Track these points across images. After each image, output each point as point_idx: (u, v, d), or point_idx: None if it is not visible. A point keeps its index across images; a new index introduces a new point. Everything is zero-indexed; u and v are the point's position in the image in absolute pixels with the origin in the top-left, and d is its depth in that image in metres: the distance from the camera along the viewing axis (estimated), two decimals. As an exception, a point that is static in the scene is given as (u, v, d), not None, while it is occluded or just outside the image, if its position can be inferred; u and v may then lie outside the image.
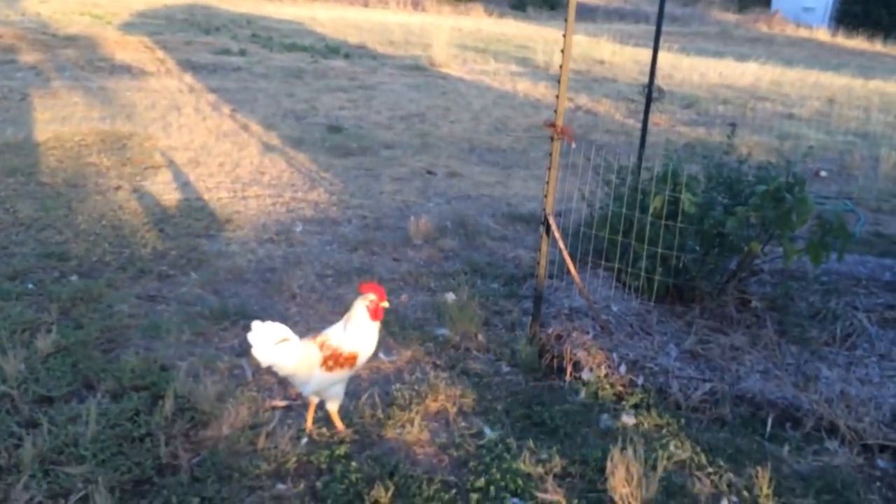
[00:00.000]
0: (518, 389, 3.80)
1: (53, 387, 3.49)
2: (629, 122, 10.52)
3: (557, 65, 3.89)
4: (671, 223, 4.27)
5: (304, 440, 3.27)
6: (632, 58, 16.85)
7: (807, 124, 11.35)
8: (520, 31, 21.98)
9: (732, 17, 30.41)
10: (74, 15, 16.76)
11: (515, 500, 2.96)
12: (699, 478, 3.16)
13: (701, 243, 4.44)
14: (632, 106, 11.15)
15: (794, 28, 27.19)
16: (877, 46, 24.34)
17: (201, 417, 3.34)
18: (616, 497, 2.96)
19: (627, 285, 4.60)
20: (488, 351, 4.19)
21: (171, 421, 3.29)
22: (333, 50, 15.24)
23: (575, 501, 2.98)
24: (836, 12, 28.55)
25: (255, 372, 3.75)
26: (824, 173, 8.68)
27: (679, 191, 4.26)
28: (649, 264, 4.36)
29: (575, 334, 4.10)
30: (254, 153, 7.84)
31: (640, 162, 5.62)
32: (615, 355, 3.97)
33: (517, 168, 8.20)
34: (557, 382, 3.91)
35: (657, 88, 5.88)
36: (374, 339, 3.25)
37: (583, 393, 3.77)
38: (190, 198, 6.34)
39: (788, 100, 13.35)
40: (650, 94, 5.81)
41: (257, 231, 5.75)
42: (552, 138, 3.90)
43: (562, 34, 3.77)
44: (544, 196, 4.05)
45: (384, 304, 3.20)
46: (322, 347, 3.17)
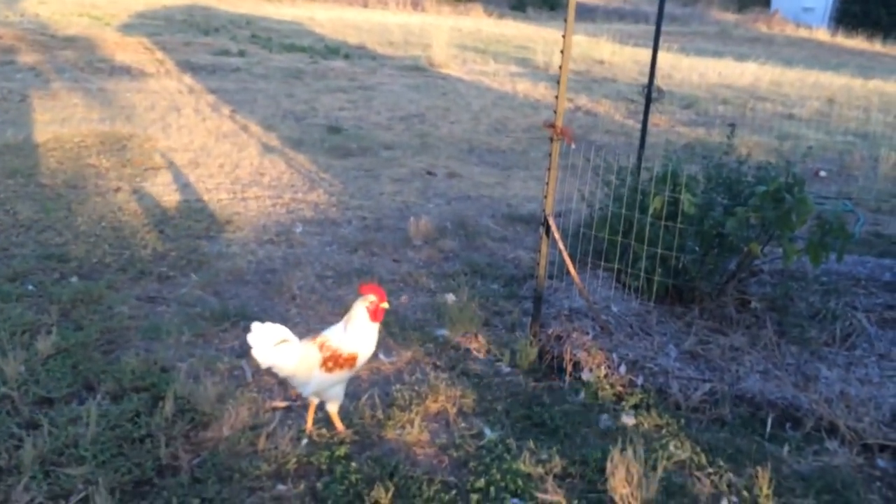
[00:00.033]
0: (518, 390, 3.80)
1: (54, 388, 3.50)
2: (629, 123, 10.53)
3: (557, 65, 3.90)
4: (671, 224, 4.28)
5: (305, 441, 3.27)
6: (631, 58, 16.86)
7: (806, 124, 11.35)
8: (519, 32, 21.98)
9: (732, 17, 30.43)
10: (73, 16, 16.77)
11: (515, 501, 2.97)
12: (699, 478, 3.16)
13: (700, 244, 4.44)
14: (631, 106, 11.16)
15: (794, 28, 27.21)
16: (876, 46, 24.36)
17: (201, 418, 3.34)
18: (616, 497, 2.97)
19: (627, 286, 4.61)
20: (488, 352, 4.19)
21: (172, 422, 3.29)
22: (333, 50, 15.25)
23: (575, 502, 2.99)
24: (836, 12, 28.58)
25: (256, 373, 3.75)
26: (824, 173, 8.69)
27: (679, 191, 4.26)
28: (649, 265, 4.37)
29: (575, 335, 4.11)
30: (253, 154, 7.84)
31: (640, 162, 5.62)
32: (615, 356, 3.97)
33: (517, 169, 8.20)
34: (557, 383, 3.91)
35: (657, 89, 5.88)
36: (374, 340, 3.25)
37: (583, 393, 3.78)
38: (190, 199, 6.34)
39: (788, 100, 13.36)
40: (650, 95, 5.81)
41: (257, 232, 5.75)
42: (552, 139, 3.91)
43: (561, 35, 3.77)
44: (544, 197, 4.05)
45: (384, 306, 3.21)
46: (322, 348, 3.17)
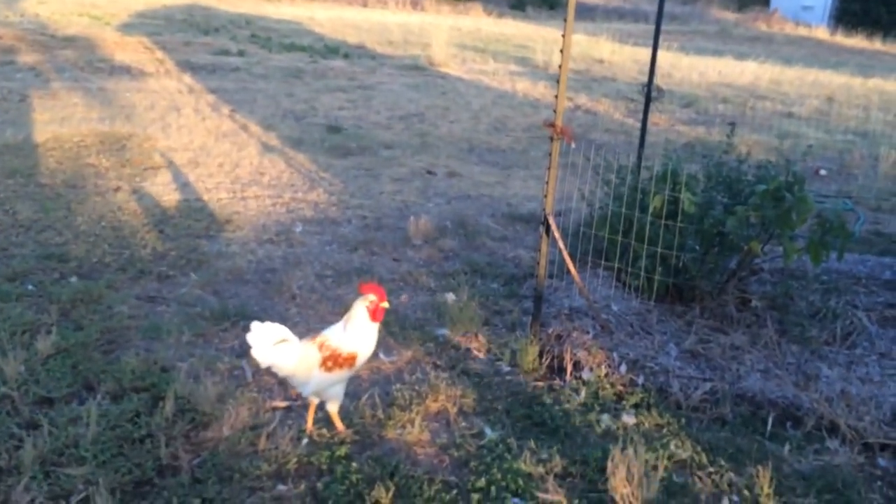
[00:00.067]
0: (518, 389, 3.80)
1: (54, 388, 3.49)
2: (628, 122, 10.52)
3: (556, 64, 3.89)
4: (671, 223, 4.28)
5: (305, 441, 3.27)
6: (631, 57, 16.85)
7: (806, 123, 11.34)
8: (519, 31, 21.98)
9: (731, 16, 30.43)
10: (73, 16, 16.76)
11: (516, 501, 2.96)
12: (700, 477, 3.16)
13: (701, 243, 4.44)
14: (631, 105, 11.16)
15: (793, 27, 27.21)
16: (876, 45, 24.36)
17: (202, 418, 3.34)
18: (617, 497, 2.96)
19: (627, 285, 4.60)
20: (488, 351, 4.19)
21: (172, 422, 3.29)
22: (332, 50, 15.24)
23: (576, 501, 2.98)
24: (835, 11, 28.59)
25: (256, 373, 3.75)
26: (824, 172, 8.68)
27: (679, 190, 4.26)
28: (649, 264, 4.36)
29: (575, 334, 4.10)
30: (253, 154, 7.84)
31: (640, 161, 5.62)
32: (615, 355, 3.97)
33: (517, 168, 8.19)
34: (558, 382, 3.91)
35: (657, 88, 5.88)
36: (374, 340, 3.24)
37: (583, 393, 3.77)
38: (189, 198, 6.34)
39: (788, 98, 13.35)
40: (650, 94, 5.81)
41: (257, 232, 5.75)
42: (552, 138, 3.90)
43: (561, 34, 3.77)
44: (544, 196, 4.04)
45: (384, 305, 3.20)
46: (321, 348, 3.17)
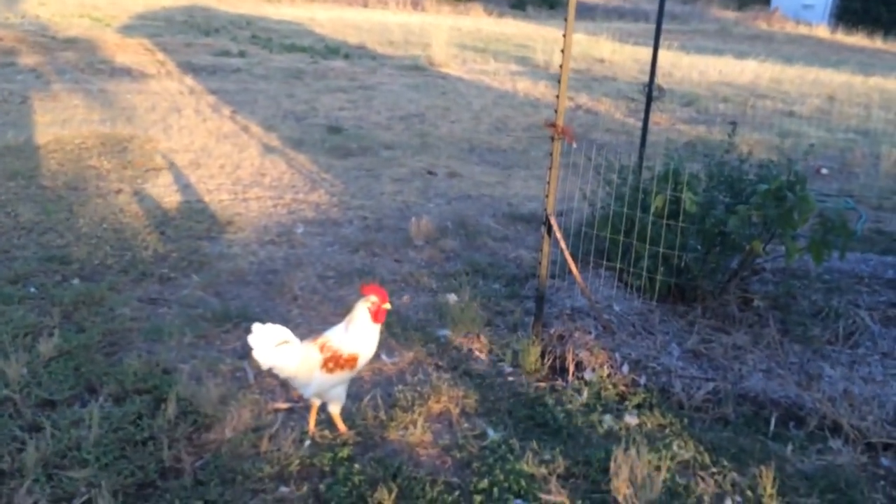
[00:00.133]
0: (521, 390, 3.80)
1: (56, 391, 3.50)
2: (629, 121, 10.51)
3: (557, 64, 3.89)
4: (672, 222, 4.27)
5: (307, 443, 3.27)
6: (631, 56, 16.84)
7: (807, 122, 11.33)
8: (519, 31, 21.97)
9: (732, 15, 30.42)
10: (74, 17, 16.77)
11: (519, 502, 2.96)
12: (703, 478, 3.16)
13: (702, 242, 4.44)
14: (632, 105, 11.15)
15: (794, 25, 27.19)
16: (876, 43, 24.34)
17: (204, 420, 3.34)
18: (620, 498, 2.96)
19: (629, 285, 4.60)
20: (490, 352, 4.18)
21: (174, 424, 3.29)
22: (333, 50, 15.24)
23: (578, 502, 2.98)
24: (836, 9, 28.56)
25: (258, 374, 3.75)
26: (825, 171, 8.67)
27: (680, 190, 4.25)
28: (651, 264, 4.36)
29: (577, 334, 4.10)
30: (254, 155, 7.84)
31: (641, 161, 5.62)
32: (617, 355, 3.97)
33: (518, 168, 8.19)
34: (560, 383, 3.90)
35: (657, 87, 5.87)
36: (375, 341, 3.24)
37: (585, 393, 3.77)
38: (191, 200, 6.34)
39: (788, 97, 13.34)
40: (650, 93, 5.81)
41: (258, 233, 5.75)
42: (553, 138, 3.90)
43: (561, 33, 3.76)
44: (545, 196, 4.04)
45: (386, 306, 3.20)
46: (322, 349, 3.17)
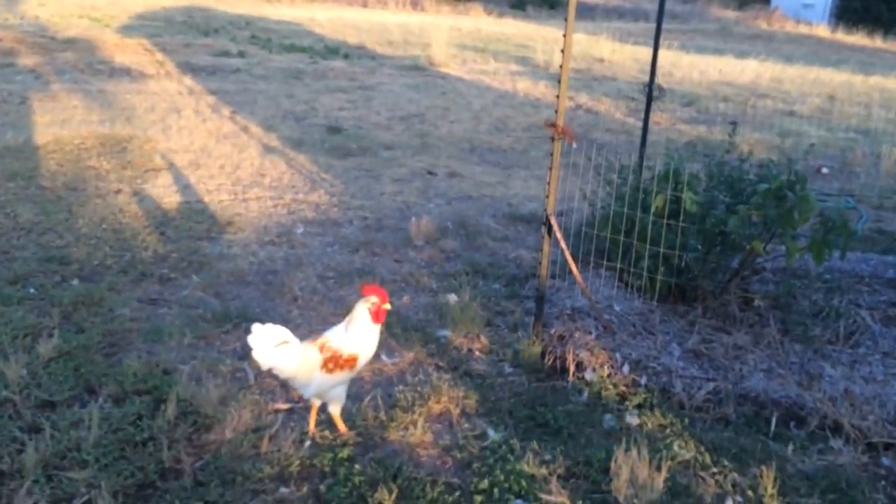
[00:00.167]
0: (521, 390, 3.79)
1: (55, 391, 3.49)
2: (630, 121, 10.51)
3: (557, 64, 3.88)
4: (673, 222, 4.27)
5: (307, 443, 3.26)
6: (631, 56, 16.84)
7: (807, 121, 11.33)
8: (519, 31, 21.97)
9: (732, 14, 30.41)
10: (73, 18, 16.76)
11: (519, 502, 2.95)
12: (703, 478, 3.15)
13: (703, 242, 4.43)
14: (632, 104, 11.15)
15: (794, 25, 27.19)
16: (877, 42, 24.34)
17: (204, 421, 3.33)
18: (620, 498, 2.96)
19: (630, 285, 4.60)
20: (491, 352, 4.18)
21: (174, 425, 3.28)
22: (332, 51, 15.24)
23: (579, 503, 2.98)
24: (836, 8, 28.56)
25: (258, 375, 3.74)
26: (826, 170, 8.67)
27: (681, 190, 4.25)
28: (651, 264, 4.36)
29: (577, 334, 4.09)
30: (254, 155, 7.83)
31: (642, 161, 5.61)
32: (618, 355, 3.96)
33: (518, 168, 8.19)
34: (560, 383, 3.90)
35: (658, 87, 5.87)
36: (375, 342, 3.23)
37: (586, 393, 3.76)
38: (190, 200, 6.33)
39: (789, 97, 13.34)
40: (651, 93, 5.80)
41: (258, 233, 5.74)
42: (553, 138, 3.89)
43: (561, 33, 3.76)
44: (546, 196, 4.04)
45: (386, 307, 3.19)
46: (322, 349, 3.16)
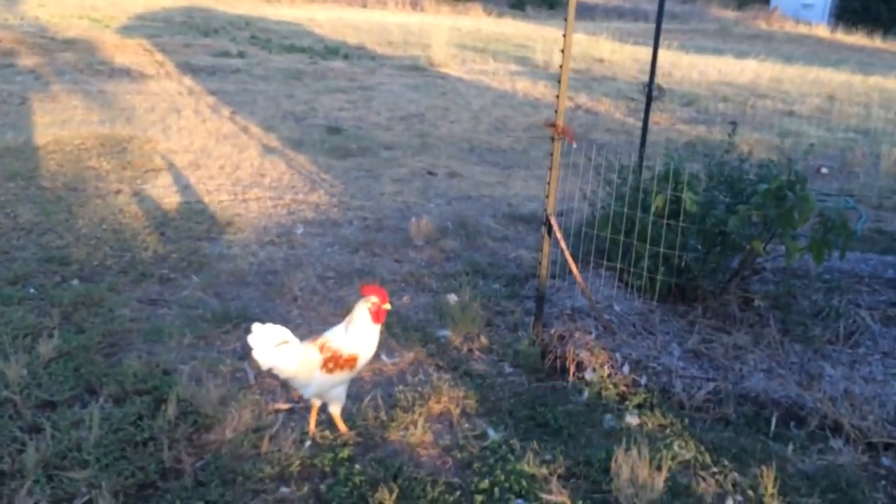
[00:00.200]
0: (521, 390, 3.79)
1: (56, 391, 3.49)
2: (629, 121, 10.51)
3: (556, 64, 3.89)
4: (673, 222, 4.27)
5: (308, 443, 3.26)
6: (631, 56, 16.85)
7: (807, 121, 11.33)
8: (519, 31, 21.97)
9: (731, 14, 30.42)
10: (73, 18, 16.76)
11: (520, 502, 2.96)
12: (704, 478, 3.15)
13: (703, 242, 4.43)
14: (632, 104, 11.15)
15: (794, 25, 27.20)
16: (876, 42, 24.35)
17: (204, 421, 3.33)
18: (621, 498, 2.96)
19: (630, 285, 4.60)
20: (491, 352, 4.18)
21: (174, 425, 3.28)
22: (332, 51, 15.24)
23: (580, 503, 2.98)
24: (836, 8, 28.58)
25: (258, 375, 3.74)
26: (825, 170, 8.67)
27: (680, 190, 4.25)
28: (651, 264, 4.36)
29: (577, 334, 4.09)
30: (254, 155, 7.83)
31: (641, 161, 5.61)
32: (618, 355, 3.96)
33: (517, 168, 8.19)
34: (560, 383, 3.90)
35: (657, 87, 5.87)
36: (375, 342, 3.24)
37: (586, 393, 3.77)
38: (190, 201, 6.33)
39: (788, 97, 13.34)
40: (650, 93, 5.80)
41: (258, 233, 5.74)
42: (553, 138, 3.90)
43: (561, 33, 3.76)
44: (545, 196, 4.04)
45: (386, 307, 3.19)
46: (322, 349, 3.16)
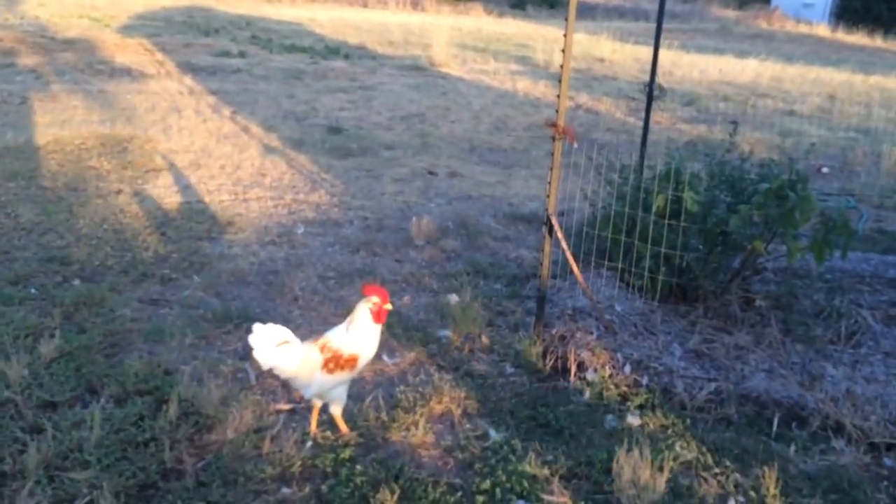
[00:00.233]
0: (522, 391, 3.79)
1: (57, 392, 3.49)
2: (630, 121, 10.51)
3: (557, 63, 3.88)
4: (674, 222, 4.26)
5: (309, 444, 3.26)
6: (632, 55, 16.84)
7: (808, 121, 11.33)
8: (519, 30, 21.97)
9: (732, 14, 30.41)
10: (73, 18, 16.76)
11: (521, 503, 2.95)
12: (706, 478, 3.15)
13: (704, 242, 4.43)
14: (633, 104, 11.14)
15: (794, 24, 27.19)
16: (877, 42, 24.34)
17: (205, 421, 3.33)
18: (623, 498, 2.95)
19: (631, 285, 4.59)
20: (492, 352, 4.17)
21: (176, 425, 3.28)
22: (333, 51, 15.24)
23: (581, 503, 2.98)
24: (836, 8, 28.56)
25: (259, 375, 3.74)
26: (826, 170, 8.67)
27: (681, 189, 4.24)
28: (652, 264, 4.35)
29: (579, 335, 4.09)
30: (254, 155, 7.83)
31: (642, 160, 5.61)
32: (619, 355, 3.96)
33: (518, 168, 8.18)
34: (562, 383, 3.90)
35: (658, 86, 5.86)
36: (376, 342, 3.23)
37: (587, 393, 3.76)
38: (191, 200, 6.33)
39: (789, 96, 13.33)
40: (651, 92, 5.80)
41: (259, 233, 5.74)
42: (554, 138, 3.89)
43: (562, 33, 3.76)
44: (546, 196, 4.03)
45: (387, 307, 3.19)
46: (323, 349, 3.16)
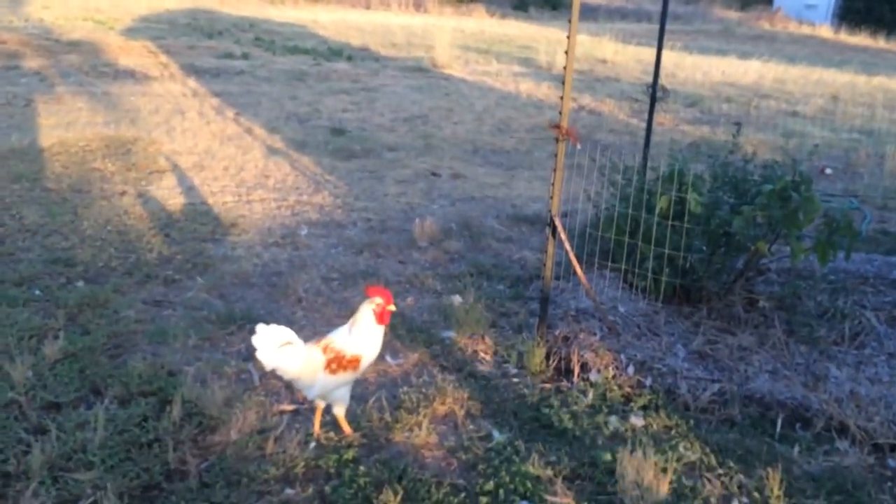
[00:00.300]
0: (526, 392, 3.79)
1: (61, 393, 3.50)
2: (633, 122, 10.50)
3: (560, 65, 3.89)
4: (677, 223, 4.26)
5: (312, 444, 3.26)
6: (634, 57, 16.84)
7: (811, 122, 11.32)
8: (522, 32, 21.97)
9: (735, 15, 30.38)
10: (77, 20, 16.81)
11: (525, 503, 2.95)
12: (709, 479, 3.15)
13: (707, 243, 4.43)
14: (635, 105, 11.14)
15: (797, 25, 27.16)
16: (880, 43, 24.30)
17: (209, 422, 3.34)
18: (626, 499, 2.95)
19: (634, 286, 4.59)
20: (495, 353, 4.18)
21: (179, 426, 3.29)
22: (336, 52, 15.26)
23: (585, 504, 2.98)
24: (839, 9, 28.52)
25: (263, 376, 3.75)
26: (829, 171, 8.66)
27: (685, 191, 4.24)
28: (656, 265, 4.35)
29: (582, 336, 4.09)
30: (258, 157, 7.84)
31: (646, 162, 5.60)
32: (623, 356, 3.96)
33: (521, 169, 8.18)
34: (565, 384, 3.90)
35: (661, 87, 5.85)
36: (379, 343, 3.24)
37: (591, 394, 3.76)
38: (195, 202, 6.34)
39: (792, 97, 13.32)
40: (654, 94, 5.79)
41: (262, 235, 5.75)
42: (557, 139, 3.89)
43: (565, 35, 3.76)
44: (550, 197, 4.03)
45: (391, 308, 3.20)
46: (326, 350, 3.17)
